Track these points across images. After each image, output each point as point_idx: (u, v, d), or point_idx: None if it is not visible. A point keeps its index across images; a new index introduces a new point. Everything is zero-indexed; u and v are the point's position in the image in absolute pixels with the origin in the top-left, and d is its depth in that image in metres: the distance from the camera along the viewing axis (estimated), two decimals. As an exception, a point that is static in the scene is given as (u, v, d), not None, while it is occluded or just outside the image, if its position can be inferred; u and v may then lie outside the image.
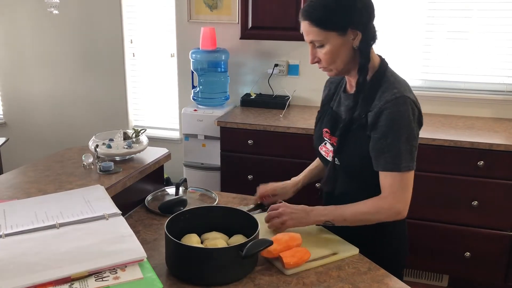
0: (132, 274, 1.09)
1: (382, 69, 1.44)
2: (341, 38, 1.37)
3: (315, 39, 1.39)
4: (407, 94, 1.37)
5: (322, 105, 1.64)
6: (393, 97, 1.36)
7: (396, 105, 1.35)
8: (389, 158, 1.36)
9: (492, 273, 2.72)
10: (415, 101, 1.40)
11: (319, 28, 1.36)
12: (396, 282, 1.30)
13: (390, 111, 1.35)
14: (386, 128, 1.35)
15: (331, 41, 1.37)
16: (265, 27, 3.04)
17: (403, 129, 1.35)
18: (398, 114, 1.35)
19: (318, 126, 1.61)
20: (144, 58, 3.83)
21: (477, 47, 3.06)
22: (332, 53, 1.39)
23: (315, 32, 1.37)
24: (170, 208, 1.65)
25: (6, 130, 4.29)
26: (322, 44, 1.39)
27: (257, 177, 2.96)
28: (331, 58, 1.40)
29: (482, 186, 2.61)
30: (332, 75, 1.49)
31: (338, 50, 1.39)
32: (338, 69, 1.44)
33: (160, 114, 3.90)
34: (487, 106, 3.10)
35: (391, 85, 1.39)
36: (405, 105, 1.35)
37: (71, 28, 3.86)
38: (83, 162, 1.76)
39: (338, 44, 1.38)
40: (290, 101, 3.37)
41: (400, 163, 1.36)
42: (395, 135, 1.35)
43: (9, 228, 1.23)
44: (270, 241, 1.28)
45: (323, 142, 1.56)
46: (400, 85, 1.39)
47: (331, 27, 1.36)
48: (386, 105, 1.35)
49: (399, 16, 3.16)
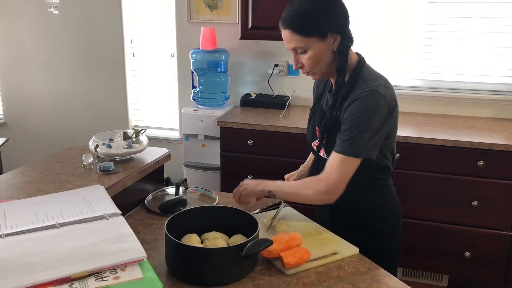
0: (132, 274, 1.09)
1: (359, 67, 1.49)
2: (322, 42, 1.44)
3: (298, 46, 1.46)
4: (378, 90, 1.42)
5: (313, 104, 1.72)
6: (364, 92, 1.42)
7: (364, 97, 1.41)
8: (343, 142, 1.42)
9: (492, 273, 2.72)
10: (387, 96, 1.43)
11: (300, 35, 1.44)
12: (396, 282, 1.30)
13: (357, 102, 1.41)
14: (350, 115, 1.42)
15: (313, 46, 1.44)
16: (265, 27, 3.04)
17: (365, 118, 1.40)
18: (364, 105, 1.40)
19: (311, 123, 1.68)
20: (144, 58, 3.83)
21: (477, 47, 3.06)
22: (315, 58, 1.46)
23: (297, 39, 1.45)
24: (170, 208, 1.65)
25: (6, 130, 4.29)
26: (304, 50, 1.46)
27: (257, 177, 2.94)
28: (314, 62, 1.47)
29: (482, 186, 2.60)
30: (316, 78, 1.55)
31: (320, 54, 1.46)
32: (321, 71, 1.50)
33: (160, 114, 3.90)
34: (487, 106, 3.10)
35: (364, 82, 1.45)
36: (373, 99, 1.40)
37: (71, 28, 3.86)
38: (83, 162, 1.76)
39: (319, 48, 1.45)
40: (290, 101, 3.37)
41: (350, 148, 1.40)
42: (355, 122, 1.40)
43: (9, 228, 1.23)
44: (270, 241, 1.28)
45: (316, 139, 1.63)
46: (374, 81, 1.44)
47: (312, 33, 1.43)
48: (357, 98, 1.42)
49: (399, 16, 3.16)
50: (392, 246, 1.62)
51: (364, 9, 3.19)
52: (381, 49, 3.17)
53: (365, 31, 3.18)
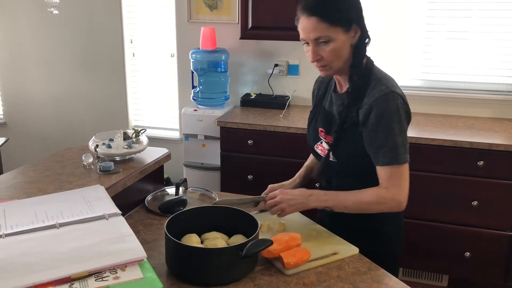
0: (132, 274, 1.09)
1: (369, 67, 1.46)
2: (345, 34, 1.38)
3: (322, 35, 1.37)
4: (395, 90, 1.39)
5: (314, 105, 1.67)
6: (382, 93, 1.38)
7: (385, 101, 1.37)
8: (386, 153, 1.38)
9: (492, 273, 2.72)
10: (403, 96, 1.42)
11: (327, 23, 1.35)
12: (396, 282, 1.30)
13: (380, 107, 1.37)
14: (378, 124, 1.38)
15: (338, 37, 1.37)
16: (265, 27, 3.03)
17: (394, 123, 1.38)
18: (388, 109, 1.37)
19: (312, 125, 1.64)
20: (144, 58, 3.82)
21: (477, 47, 3.06)
22: (337, 50, 1.39)
23: (323, 28, 1.35)
24: (170, 208, 1.65)
25: (6, 130, 4.29)
26: (328, 40, 1.37)
27: (257, 177, 2.96)
28: (335, 55, 1.40)
29: (482, 186, 2.60)
30: (328, 74, 1.48)
31: (342, 47, 1.39)
32: (338, 66, 1.44)
33: (160, 114, 3.90)
34: (487, 106, 3.10)
35: (379, 81, 1.41)
36: (394, 100, 1.38)
37: (71, 28, 3.86)
38: (83, 162, 1.76)
39: (343, 40, 1.38)
40: (290, 101, 3.37)
41: (397, 156, 1.38)
42: (387, 130, 1.37)
43: (9, 228, 1.23)
44: (270, 241, 1.28)
45: (319, 141, 1.59)
46: (387, 81, 1.41)
47: (339, 22, 1.36)
48: (376, 101, 1.38)
49: (399, 16, 3.16)
50: (394, 250, 1.59)
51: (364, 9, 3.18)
52: (381, 49, 3.17)
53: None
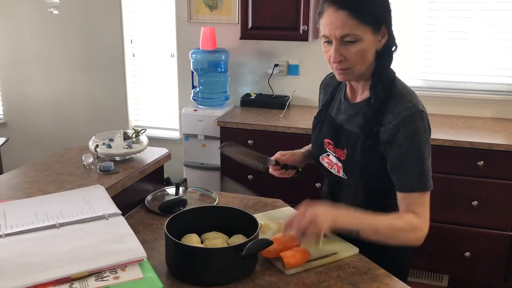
0: (132, 274, 1.09)
1: (391, 78, 1.33)
2: (374, 35, 1.25)
3: (351, 33, 1.22)
4: (421, 108, 1.29)
5: (320, 110, 1.54)
6: (409, 113, 1.26)
7: (413, 122, 1.26)
8: (417, 177, 1.27)
9: (492, 273, 2.72)
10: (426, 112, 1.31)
11: (358, 20, 1.21)
12: (396, 282, 1.30)
13: (409, 129, 1.26)
14: (408, 146, 1.26)
15: (366, 37, 1.24)
16: (265, 27, 3.03)
17: (423, 147, 1.27)
18: (417, 131, 1.26)
19: (316, 133, 1.51)
20: (144, 58, 3.83)
21: (477, 47, 3.06)
22: (363, 52, 1.25)
23: (353, 25, 1.22)
24: (170, 208, 1.65)
25: (6, 130, 4.29)
26: (355, 39, 1.23)
27: (257, 177, 2.96)
28: (360, 58, 1.26)
29: (482, 186, 2.60)
30: (347, 79, 1.34)
31: (368, 50, 1.26)
32: (360, 71, 1.30)
33: (160, 114, 3.90)
34: (487, 106, 3.10)
35: (403, 97, 1.29)
36: (422, 121, 1.28)
37: (71, 28, 3.86)
38: (83, 162, 1.75)
39: (370, 42, 1.25)
40: (290, 101, 3.37)
41: (427, 182, 1.29)
42: (417, 154, 1.27)
43: (9, 228, 1.23)
44: (270, 241, 1.28)
45: (325, 153, 1.47)
46: (412, 98, 1.30)
47: (370, 21, 1.23)
48: (403, 122, 1.26)
49: (399, 16, 3.16)
50: (401, 268, 1.48)
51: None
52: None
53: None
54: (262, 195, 1.91)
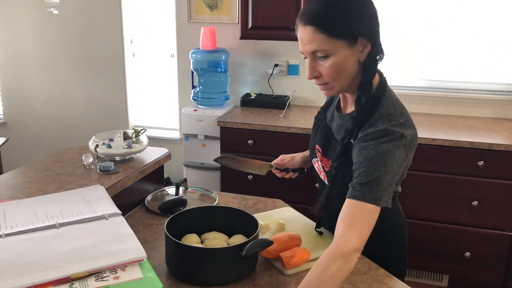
0: (132, 274, 1.09)
1: (380, 91, 1.26)
2: (350, 48, 1.19)
3: (320, 49, 1.18)
4: (397, 129, 1.20)
5: (319, 112, 1.51)
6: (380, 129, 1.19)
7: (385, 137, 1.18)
8: (362, 186, 1.16)
9: (492, 273, 2.72)
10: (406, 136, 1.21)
11: (326, 34, 1.17)
12: (396, 282, 1.30)
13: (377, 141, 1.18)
14: (366, 154, 1.18)
15: (339, 52, 1.18)
16: (265, 27, 3.03)
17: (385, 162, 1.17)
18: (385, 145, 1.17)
19: (312, 134, 1.49)
20: (144, 58, 3.83)
21: (477, 47, 3.06)
22: (338, 67, 1.20)
23: (321, 40, 1.17)
24: (170, 208, 1.65)
25: (6, 130, 4.29)
26: (327, 54, 1.19)
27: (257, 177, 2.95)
28: (335, 73, 1.21)
29: (482, 186, 2.60)
30: (330, 94, 1.29)
31: (345, 63, 1.20)
32: (341, 86, 1.25)
33: (160, 114, 3.90)
34: (487, 106, 3.10)
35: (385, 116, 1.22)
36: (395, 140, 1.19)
37: (71, 28, 3.86)
38: (83, 162, 1.76)
39: (345, 55, 1.19)
40: (290, 101, 3.37)
41: (371, 195, 1.15)
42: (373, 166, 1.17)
43: (9, 228, 1.23)
44: (270, 241, 1.28)
45: (315, 157, 1.45)
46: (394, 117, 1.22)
47: (341, 34, 1.17)
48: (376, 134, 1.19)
49: (399, 16, 3.16)
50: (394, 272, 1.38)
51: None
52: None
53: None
54: (262, 195, 1.91)
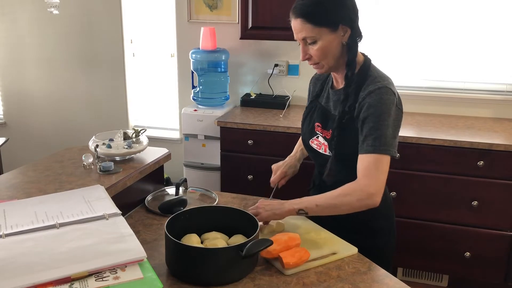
0: (132, 274, 1.09)
1: (367, 65, 1.52)
2: (333, 34, 1.45)
3: (308, 36, 1.45)
4: (389, 86, 1.45)
5: (310, 101, 1.73)
6: (376, 87, 1.44)
7: (378, 94, 1.43)
8: (370, 141, 1.41)
9: (492, 273, 2.72)
10: (396, 93, 1.47)
11: (312, 24, 1.43)
12: (396, 282, 1.30)
13: (373, 99, 1.43)
14: (369, 114, 1.43)
15: (323, 37, 1.45)
16: (265, 27, 3.03)
17: (385, 114, 1.42)
18: (380, 101, 1.42)
19: (307, 120, 1.69)
20: (144, 58, 3.83)
21: (477, 47, 3.06)
22: (324, 49, 1.46)
23: (308, 29, 1.44)
24: (170, 208, 1.65)
25: (6, 130, 4.29)
26: (314, 40, 1.46)
27: (257, 177, 2.96)
28: (322, 54, 1.47)
29: (482, 186, 2.60)
30: (322, 71, 1.55)
31: (330, 46, 1.46)
32: (329, 64, 1.51)
33: (160, 114, 3.90)
34: (487, 106, 3.10)
35: (374, 79, 1.48)
36: (387, 94, 1.43)
37: (71, 28, 3.86)
38: (83, 162, 1.76)
39: (329, 40, 1.45)
40: (290, 101, 3.37)
41: (379, 146, 1.40)
42: (377, 120, 1.41)
43: (9, 228, 1.23)
44: (270, 241, 1.28)
45: (314, 135, 1.63)
46: (382, 79, 1.47)
47: (324, 23, 1.43)
48: (370, 94, 1.44)
49: (399, 16, 3.16)
50: (384, 245, 1.63)
51: (364, 9, 3.18)
52: (381, 49, 3.17)
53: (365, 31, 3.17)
54: (262, 195, 1.91)
